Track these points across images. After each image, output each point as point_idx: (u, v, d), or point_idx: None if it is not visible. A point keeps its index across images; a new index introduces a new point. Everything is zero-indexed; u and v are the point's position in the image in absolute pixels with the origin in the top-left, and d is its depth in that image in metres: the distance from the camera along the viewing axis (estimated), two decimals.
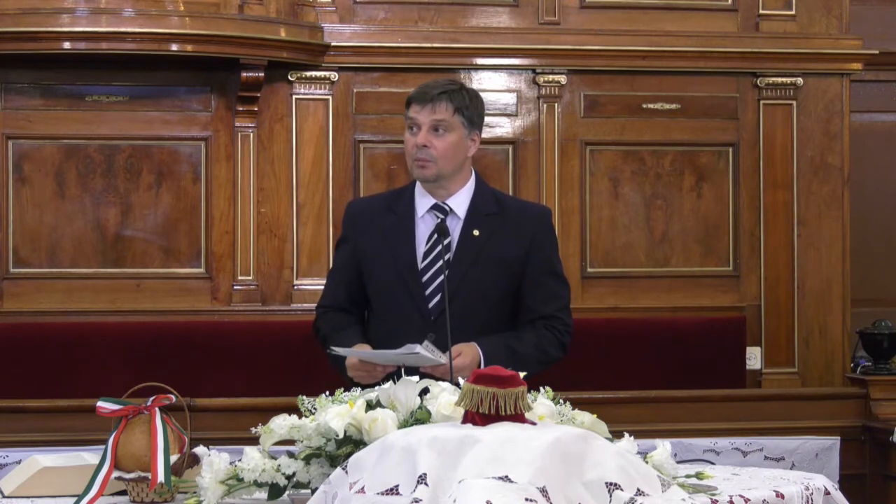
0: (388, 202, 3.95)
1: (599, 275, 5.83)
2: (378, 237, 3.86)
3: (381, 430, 2.93)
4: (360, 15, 5.72)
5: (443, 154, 3.78)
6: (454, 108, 3.78)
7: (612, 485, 2.73)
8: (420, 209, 3.86)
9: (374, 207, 3.96)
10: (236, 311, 5.56)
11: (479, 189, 3.89)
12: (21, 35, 5.19)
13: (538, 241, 3.87)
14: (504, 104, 5.78)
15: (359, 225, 3.93)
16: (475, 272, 3.77)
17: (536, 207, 4.22)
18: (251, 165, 5.60)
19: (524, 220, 3.89)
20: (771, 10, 5.94)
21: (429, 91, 3.79)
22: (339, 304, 3.94)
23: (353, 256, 3.90)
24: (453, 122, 3.79)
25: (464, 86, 3.90)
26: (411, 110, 3.81)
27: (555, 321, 3.87)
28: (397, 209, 3.89)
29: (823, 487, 3.25)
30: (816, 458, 5.40)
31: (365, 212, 3.96)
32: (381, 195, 4.33)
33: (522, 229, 3.86)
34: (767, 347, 5.88)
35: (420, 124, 3.78)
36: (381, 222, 3.88)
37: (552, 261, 3.90)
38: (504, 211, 3.88)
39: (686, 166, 5.89)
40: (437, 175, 3.80)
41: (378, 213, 3.91)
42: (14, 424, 4.99)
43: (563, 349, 3.90)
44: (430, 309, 3.78)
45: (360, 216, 3.95)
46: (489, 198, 3.90)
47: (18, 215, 5.50)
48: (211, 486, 3.00)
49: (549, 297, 3.87)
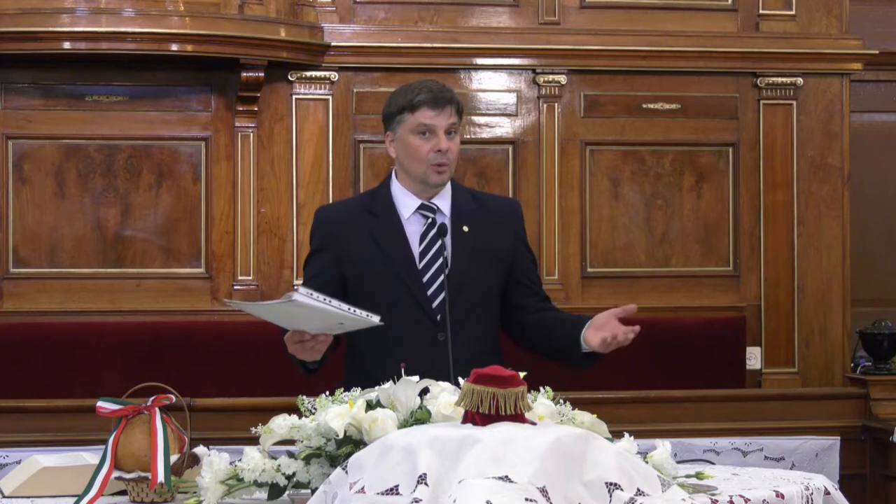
0: (363, 206, 3.88)
1: (599, 275, 5.83)
2: (364, 242, 3.80)
3: (381, 430, 2.93)
4: (360, 15, 5.73)
5: (455, 157, 3.82)
6: (459, 112, 3.81)
7: (612, 485, 2.73)
8: (405, 210, 3.82)
9: (349, 212, 3.89)
10: (236, 311, 5.55)
11: (456, 187, 3.91)
12: (21, 35, 5.19)
13: (518, 233, 3.95)
14: (504, 104, 5.78)
15: (337, 232, 3.84)
16: (473, 268, 3.78)
17: (509, 201, 4.28)
18: (251, 165, 5.60)
19: (503, 214, 3.94)
20: (771, 10, 5.94)
21: (441, 95, 3.77)
22: None
23: (335, 265, 3.81)
24: (459, 125, 3.82)
25: None
26: (424, 116, 3.75)
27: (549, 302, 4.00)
28: (377, 212, 3.83)
29: (823, 487, 3.25)
30: (816, 458, 5.41)
31: (341, 218, 3.88)
32: (351, 200, 4.33)
33: (504, 223, 3.91)
34: (767, 347, 5.88)
35: (436, 129, 3.75)
36: (363, 226, 3.82)
37: (530, 249, 4.02)
38: (482, 206, 3.91)
39: (686, 166, 5.89)
40: (450, 178, 3.84)
41: (356, 218, 3.84)
42: (14, 424, 4.99)
43: None
44: (434, 308, 3.77)
45: (336, 223, 3.86)
46: (466, 195, 3.92)
47: (18, 215, 5.50)
48: (211, 486, 3.00)
49: (537, 283, 3.98)
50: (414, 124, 3.77)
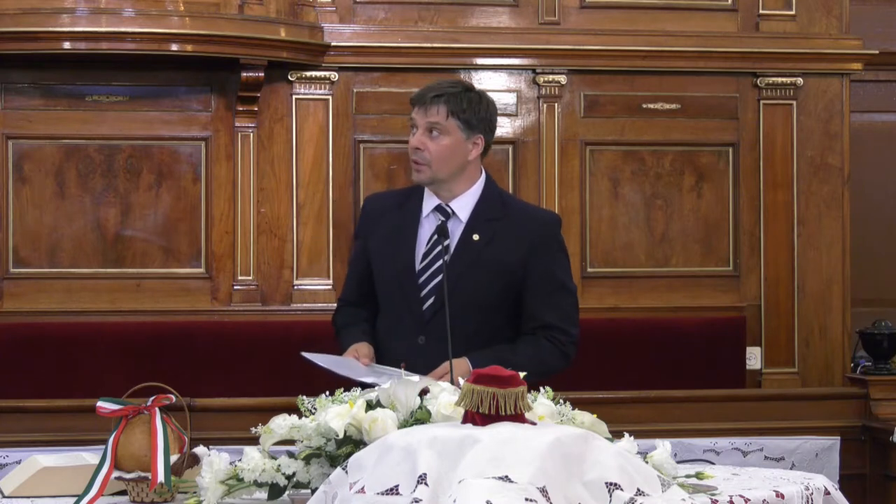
0: (400, 200, 3.93)
1: (599, 275, 5.83)
2: (384, 236, 3.86)
3: (381, 430, 2.92)
4: (360, 15, 5.72)
5: (437, 157, 3.74)
6: (448, 112, 3.73)
7: (612, 485, 2.73)
8: (425, 209, 3.84)
9: (386, 205, 3.95)
10: (236, 311, 5.56)
11: (487, 192, 3.84)
12: (21, 35, 5.19)
13: (538, 247, 3.79)
14: (504, 104, 5.77)
15: (370, 222, 3.94)
16: (470, 277, 3.73)
17: (543, 213, 4.14)
18: (251, 165, 5.60)
19: (527, 225, 3.82)
20: (771, 10, 5.94)
21: (426, 93, 3.77)
22: (353, 298, 3.97)
23: (364, 253, 3.93)
24: (448, 126, 3.74)
25: (469, 87, 3.83)
26: (413, 112, 3.81)
27: (556, 332, 3.80)
28: (406, 207, 3.87)
29: (823, 487, 3.25)
30: (816, 458, 5.40)
31: (377, 209, 3.96)
32: (397, 191, 4.25)
33: (523, 235, 3.79)
34: (767, 347, 5.88)
35: (416, 125, 3.78)
36: (389, 221, 3.88)
37: (552, 268, 3.81)
38: (509, 215, 3.82)
39: (686, 166, 5.89)
40: (432, 178, 3.77)
41: (388, 212, 3.91)
42: (14, 424, 4.99)
43: (566, 360, 3.83)
44: (424, 311, 3.76)
45: (372, 213, 3.96)
46: (496, 202, 3.84)
47: (18, 215, 5.50)
48: (211, 486, 3.00)
49: (548, 305, 3.80)
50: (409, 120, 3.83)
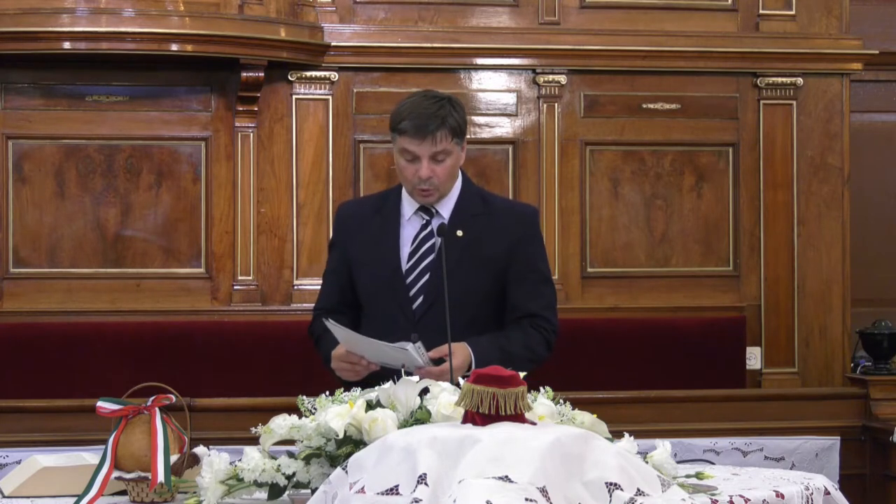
0: (376, 205, 3.94)
1: (599, 275, 5.83)
2: (365, 241, 3.86)
3: (381, 430, 2.92)
4: (360, 15, 5.73)
5: (444, 179, 3.76)
6: (451, 134, 3.72)
7: (612, 485, 2.73)
8: (406, 212, 3.85)
9: (362, 211, 3.95)
10: (236, 311, 5.56)
11: (466, 190, 3.87)
12: (21, 35, 5.19)
13: (521, 239, 3.85)
14: (504, 104, 5.78)
15: (347, 229, 3.93)
16: (459, 273, 3.72)
17: (522, 207, 4.21)
18: (251, 165, 5.60)
19: (509, 219, 3.87)
20: (771, 10, 5.94)
21: (425, 125, 3.69)
22: (333, 306, 3.93)
23: (343, 260, 3.91)
24: (451, 147, 3.75)
25: (448, 99, 3.78)
26: (407, 142, 3.71)
27: (540, 320, 3.85)
28: (384, 211, 3.88)
29: (823, 487, 3.25)
30: (816, 458, 5.41)
31: (354, 215, 3.95)
32: (371, 197, 4.28)
33: (507, 228, 3.84)
34: (767, 347, 5.88)
35: (419, 156, 3.72)
36: (368, 226, 3.88)
37: (535, 259, 3.87)
38: (490, 211, 3.87)
39: (686, 166, 5.89)
40: (440, 197, 3.80)
41: (366, 217, 3.91)
42: (14, 424, 4.99)
43: (550, 348, 3.88)
44: (414, 311, 3.78)
45: (348, 220, 3.95)
46: (475, 198, 3.88)
47: (18, 215, 5.50)
48: (211, 486, 3.00)
49: (532, 294, 3.85)
50: (399, 147, 3.76)
